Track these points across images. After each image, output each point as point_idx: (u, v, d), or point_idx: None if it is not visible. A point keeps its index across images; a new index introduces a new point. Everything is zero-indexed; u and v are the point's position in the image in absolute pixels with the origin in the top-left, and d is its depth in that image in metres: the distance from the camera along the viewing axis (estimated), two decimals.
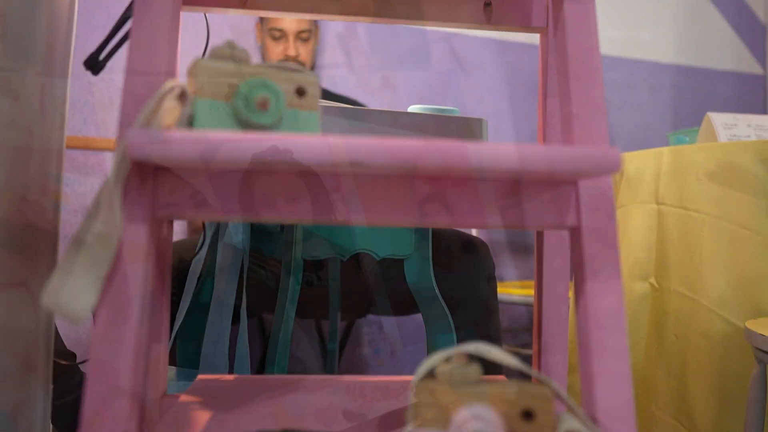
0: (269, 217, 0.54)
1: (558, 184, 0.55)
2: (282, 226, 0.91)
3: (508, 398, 0.45)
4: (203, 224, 0.90)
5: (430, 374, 0.48)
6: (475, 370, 0.47)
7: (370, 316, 1.76)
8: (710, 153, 1.17)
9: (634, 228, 1.33)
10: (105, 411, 0.49)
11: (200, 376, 0.74)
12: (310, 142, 0.45)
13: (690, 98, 2.37)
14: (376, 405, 0.64)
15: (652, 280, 1.28)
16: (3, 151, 0.58)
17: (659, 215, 1.27)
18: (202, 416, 0.60)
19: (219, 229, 0.88)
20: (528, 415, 0.45)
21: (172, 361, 0.90)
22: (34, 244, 0.66)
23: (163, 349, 0.68)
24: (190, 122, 0.49)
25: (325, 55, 1.98)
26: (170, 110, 0.49)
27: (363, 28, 1.99)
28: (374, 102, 2.00)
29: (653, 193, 1.29)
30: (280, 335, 0.83)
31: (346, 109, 0.73)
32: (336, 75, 1.97)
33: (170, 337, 0.87)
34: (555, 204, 0.55)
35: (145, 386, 0.59)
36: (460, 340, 0.91)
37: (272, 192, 0.53)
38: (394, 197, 0.53)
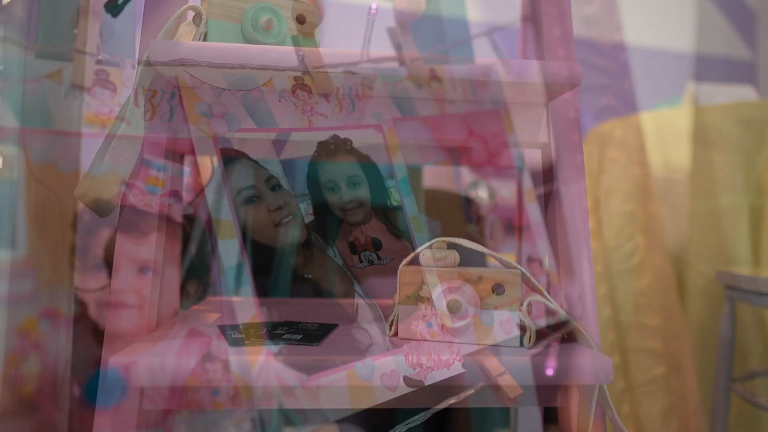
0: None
1: (531, 106, 0.61)
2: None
3: (482, 276, 0.52)
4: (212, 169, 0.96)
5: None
6: (453, 254, 0.54)
7: None
8: (689, 116, 1.23)
9: (621, 191, 1.39)
10: (124, 320, 0.56)
11: (210, 298, 0.81)
12: (309, 51, 0.52)
13: (679, 83, 2.44)
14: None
15: (639, 239, 1.34)
16: (106, 138, 0.67)
17: (644, 177, 1.33)
18: (213, 317, 0.67)
19: (225, 174, 0.94)
20: (498, 290, 0.52)
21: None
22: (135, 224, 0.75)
23: (176, 271, 0.75)
24: (203, 41, 0.55)
25: (379, 48, 2.04)
26: (187, 32, 0.56)
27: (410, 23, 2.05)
28: (422, 92, 2.06)
29: (638, 156, 1.35)
30: (282, 264, 0.90)
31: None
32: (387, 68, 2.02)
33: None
34: (529, 124, 0.62)
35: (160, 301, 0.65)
36: None
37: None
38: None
